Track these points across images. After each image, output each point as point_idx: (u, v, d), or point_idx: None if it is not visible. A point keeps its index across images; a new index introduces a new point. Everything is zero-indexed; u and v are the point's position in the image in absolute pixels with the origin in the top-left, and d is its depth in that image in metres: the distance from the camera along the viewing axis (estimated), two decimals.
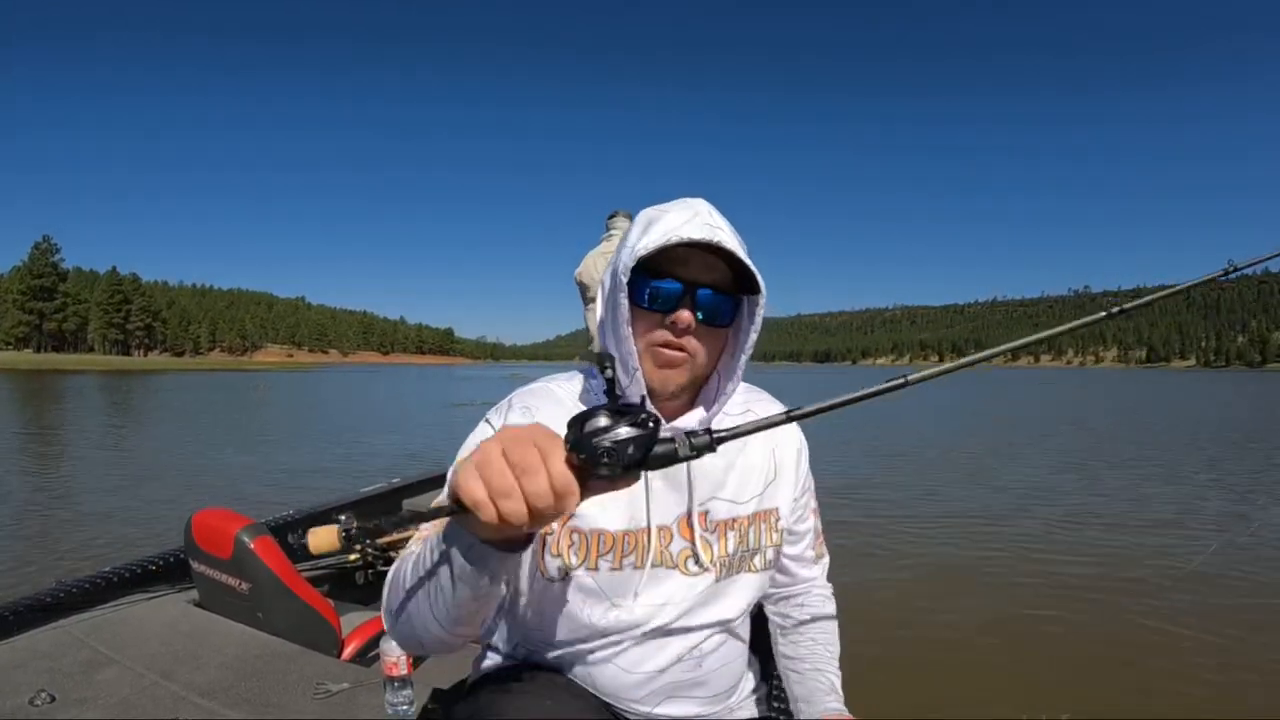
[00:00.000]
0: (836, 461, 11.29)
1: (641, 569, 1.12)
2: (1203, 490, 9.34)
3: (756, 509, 1.20)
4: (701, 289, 1.05)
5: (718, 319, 1.08)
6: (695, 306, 1.05)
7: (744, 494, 1.19)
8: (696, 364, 1.08)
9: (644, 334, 1.06)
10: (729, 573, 1.18)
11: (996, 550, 6.27)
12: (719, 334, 1.10)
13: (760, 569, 1.22)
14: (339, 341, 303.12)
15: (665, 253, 1.03)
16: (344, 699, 1.71)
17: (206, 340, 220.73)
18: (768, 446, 1.23)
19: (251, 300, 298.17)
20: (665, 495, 1.14)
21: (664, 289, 1.05)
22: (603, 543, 1.11)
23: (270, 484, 9.11)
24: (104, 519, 7.00)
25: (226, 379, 55.86)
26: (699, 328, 1.06)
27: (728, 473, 1.18)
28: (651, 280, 1.05)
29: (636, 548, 1.12)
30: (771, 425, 0.82)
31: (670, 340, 1.05)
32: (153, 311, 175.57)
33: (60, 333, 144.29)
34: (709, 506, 1.16)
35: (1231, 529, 7.01)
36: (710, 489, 1.16)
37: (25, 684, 1.70)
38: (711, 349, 1.10)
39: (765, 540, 1.21)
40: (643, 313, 1.06)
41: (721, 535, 1.17)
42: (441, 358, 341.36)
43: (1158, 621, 4.53)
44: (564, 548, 1.10)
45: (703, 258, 1.05)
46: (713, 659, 1.18)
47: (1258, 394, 43.12)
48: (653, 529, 1.12)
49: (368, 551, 3.13)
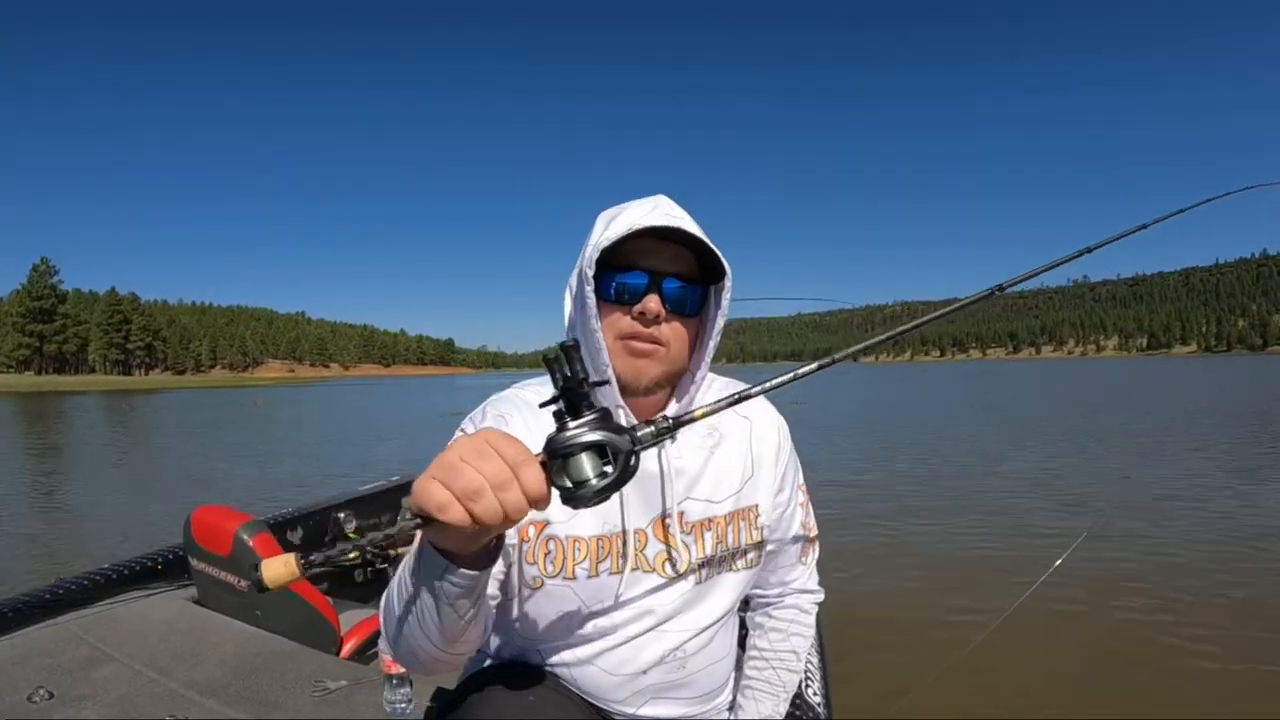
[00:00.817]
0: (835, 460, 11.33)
1: (619, 574, 1.10)
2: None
3: (734, 508, 1.17)
4: (667, 279, 1.06)
5: (686, 308, 1.09)
6: (662, 296, 1.06)
7: (720, 493, 1.17)
8: (670, 355, 1.08)
9: (613, 328, 1.07)
10: (709, 574, 1.16)
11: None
12: (689, 325, 1.10)
13: (742, 569, 1.20)
14: (340, 355, 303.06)
15: (629, 246, 1.04)
16: (343, 697, 1.71)
17: (207, 358, 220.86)
18: (744, 443, 1.21)
19: (251, 316, 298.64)
20: (639, 497, 1.12)
21: (630, 281, 1.06)
22: (578, 550, 1.09)
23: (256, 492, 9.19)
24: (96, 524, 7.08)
25: (227, 395, 55.86)
26: (668, 317, 1.07)
27: (703, 472, 1.16)
28: (617, 274, 1.06)
29: (611, 552, 1.10)
30: (719, 410, 0.84)
31: (640, 331, 1.06)
32: (153, 330, 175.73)
33: (61, 354, 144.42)
34: (684, 507, 1.14)
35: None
36: (685, 489, 1.14)
37: (24, 680, 1.71)
38: (683, 340, 1.10)
39: (746, 539, 1.19)
40: (610, 307, 1.07)
41: (699, 537, 1.14)
42: (443, 368, 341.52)
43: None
44: (539, 556, 1.09)
45: (666, 249, 1.07)
46: (697, 659, 1.17)
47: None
48: (629, 533, 1.11)
49: (367, 550, 3.13)
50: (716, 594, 1.18)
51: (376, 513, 3.49)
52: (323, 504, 3.26)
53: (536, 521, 1.09)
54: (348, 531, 3.23)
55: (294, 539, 2.98)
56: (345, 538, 3.21)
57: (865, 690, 3.21)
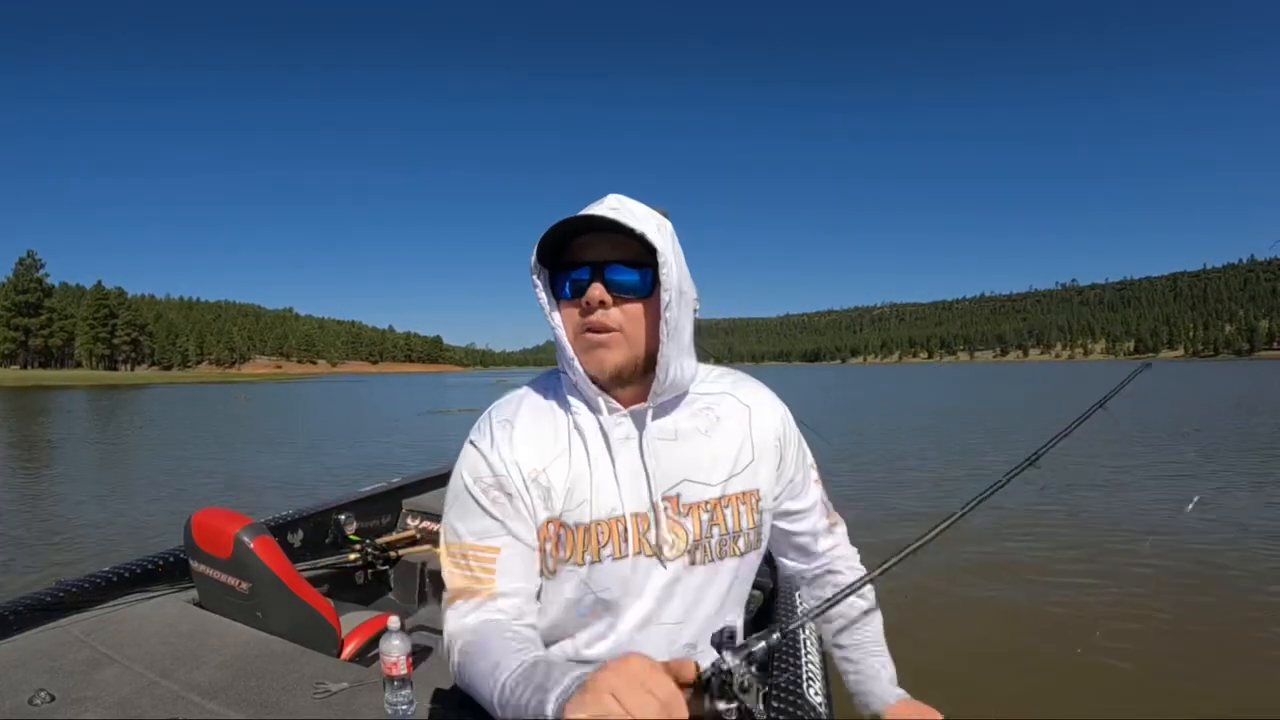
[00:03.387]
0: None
1: (622, 559, 1.13)
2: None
3: (729, 491, 1.19)
4: (610, 266, 1.09)
5: (636, 290, 1.10)
6: (604, 282, 1.08)
7: (715, 476, 1.18)
8: (628, 339, 1.11)
9: (570, 324, 1.12)
10: (709, 558, 1.18)
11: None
12: (648, 306, 1.12)
13: (743, 551, 1.21)
14: (327, 352, 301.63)
15: (575, 244, 1.10)
16: (344, 699, 1.70)
17: (194, 353, 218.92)
18: (743, 428, 1.23)
19: (239, 312, 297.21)
20: (636, 482, 1.15)
21: (574, 275, 1.10)
22: (586, 537, 1.13)
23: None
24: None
25: (212, 391, 55.65)
26: (617, 301, 1.09)
27: (699, 454, 1.18)
28: (566, 272, 1.11)
29: (612, 537, 1.13)
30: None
31: (590, 321, 1.09)
32: (139, 325, 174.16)
33: (47, 349, 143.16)
34: (679, 490, 1.16)
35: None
36: (681, 472, 1.16)
37: (24, 683, 1.69)
38: (639, 322, 1.12)
39: (746, 522, 1.20)
40: (568, 305, 1.12)
41: (695, 519, 1.17)
42: (431, 366, 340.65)
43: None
44: (549, 545, 1.13)
45: (608, 239, 1.09)
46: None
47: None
48: (627, 517, 1.14)
49: (368, 551, 3.14)
50: (721, 579, 1.20)
51: (377, 515, 3.49)
52: (323, 506, 3.26)
53: (553, 518, 1.13)
54: (349, 533, 3.23)
55: (295, 541, 2.97)
56: (346, 540, 3.21)
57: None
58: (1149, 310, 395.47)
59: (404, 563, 3.29)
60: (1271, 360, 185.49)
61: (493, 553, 1.10)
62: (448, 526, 1.16)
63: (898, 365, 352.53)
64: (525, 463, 1.13)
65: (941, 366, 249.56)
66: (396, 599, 3.31)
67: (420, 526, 3.52)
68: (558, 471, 1.13)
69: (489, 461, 1.13)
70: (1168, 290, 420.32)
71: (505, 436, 1.14)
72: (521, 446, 1.14)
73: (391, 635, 1.56)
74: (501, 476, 1.12)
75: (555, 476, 1.13)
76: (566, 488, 1.13)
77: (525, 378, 1.41)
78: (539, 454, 1.14)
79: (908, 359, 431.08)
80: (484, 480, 1.12)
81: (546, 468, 1.13)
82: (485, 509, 1.11)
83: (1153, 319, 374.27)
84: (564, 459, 1.14)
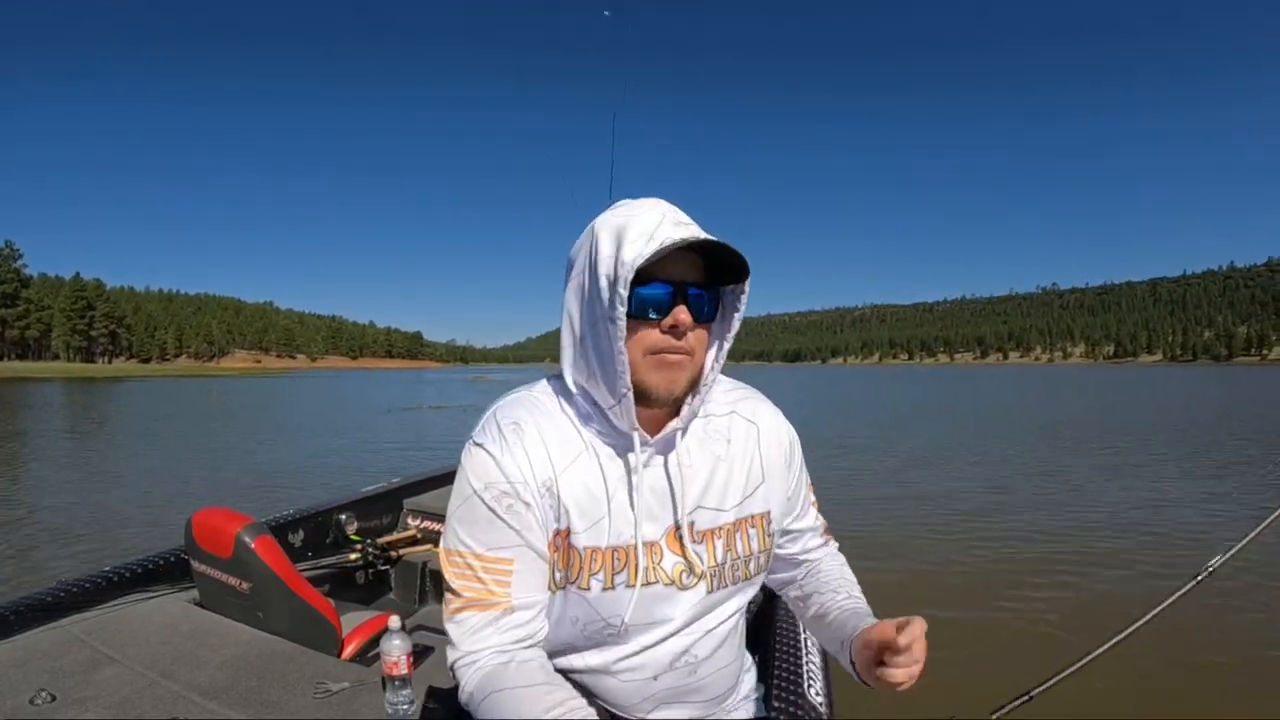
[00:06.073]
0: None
1: (634, 587, 1.10)
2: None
3: (742, 515, 1.17)
4: (691, 287, 1.05)
5: (705, 315, 1.08)
6: (688, 305, 1.04)
7: (728, 501, 1.16)
8: (695, 362, 1.08)
9: (640, 343, 1.05)
10: (722, 584, 1.16)
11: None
12: (706, 330, 1.10)
13: (753, 574, 1.20)
14: (307, 346, 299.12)
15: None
16: (344, 698, 1.70)
17: (173, 346, 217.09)
18: (752, 448, 1.20)
19: (219, 305, 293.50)
20: (653, 509, 1.12)
21: (656, 294, 1.03)
22: (594, 562, 1.10)
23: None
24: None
25: (187, 385, 54.79)
26: (692, 326, 1.05)
27: (711, 479, 1.15)
28: (637, 288, 1.02)
29: (628, 564, 1.10)
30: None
31: (672, 344, 1.04)
32: (117, 318, 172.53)
33: (23, 340, 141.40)
34: (694, 517, 1.13)
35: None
36: (695, 498, 1.14)
37: (25, 683, 1.68)
38: (703, 345, 1.10)
39: (757, 545, 1.19)
40: (634, 322, 1.04)
41: (710, 545, 1.14)
42: (411, 361, 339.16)
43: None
44: (555, 556, 1.10)
45: (685, 257, 1.05)
46: (708, 664, 1.18)
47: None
48: (639, 545, 1.10)
49: (368, 551, 3.13)
50: (730, 602, 1.19)
51: (378, 514, 3.49)
52: (324, 506, 3.25)
53: (560, 530, 1.09)
54: (349, 533, 3.23)
55: (295, 541, 2.97)
56: (347, 539, 3.21)
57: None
58: (1129, 315, 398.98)
59: (405, 562, 3.29)
60: (1248, 366, 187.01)
61: (507, 564, 1.07)
62: (453, 533, 1.10)
63: (878, 366, 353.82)
64: (539, 470, 1.07)
65: (921, 368, 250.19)
66: (397, 599, 3.30)
67: (421, 526, 3.51)
68: (568, 484, 1.08)
69: (501, 466, 1.06)
70: (1148, 295, 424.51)
71: (517, 440, 1.08)
72: (534, 452, 1.08)
73: (392, 635, 1.56)
74: (517, 484, 1.06)
75: (565, 489, 1.08)
76: (577, 504, 1.09)
77: (503, 374, 1.36)
78: (550, 462, 1.08)
79: (888, 360, 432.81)
80: (496, 486, 1.06)
81: (557, 478, 1.08)
82: (500, 517, 1.06)
83: (1132, 323, 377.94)
84: (574, 472, 1.09)
